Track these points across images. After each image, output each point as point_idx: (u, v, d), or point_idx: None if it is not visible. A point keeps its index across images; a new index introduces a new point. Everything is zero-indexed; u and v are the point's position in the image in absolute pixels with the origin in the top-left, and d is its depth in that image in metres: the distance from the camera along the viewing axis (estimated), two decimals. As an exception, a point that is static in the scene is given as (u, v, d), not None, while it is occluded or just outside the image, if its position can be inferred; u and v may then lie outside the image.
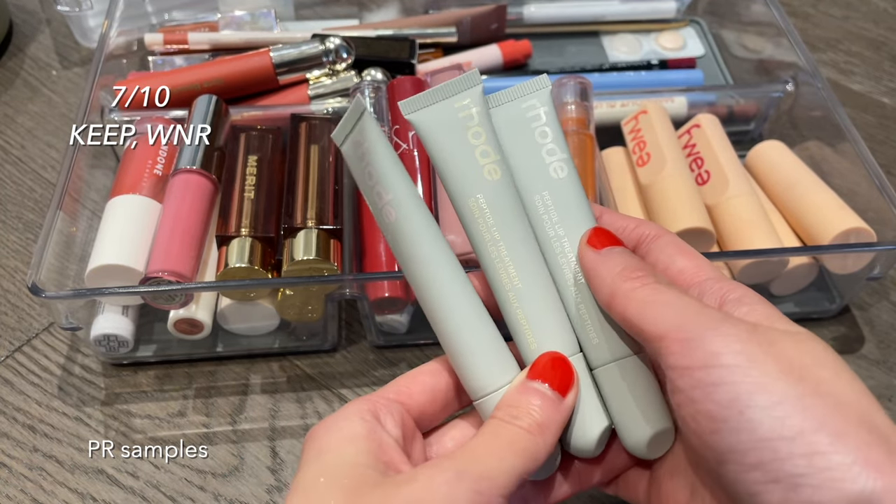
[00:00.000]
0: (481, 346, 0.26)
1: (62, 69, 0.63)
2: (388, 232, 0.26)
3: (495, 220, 0.26)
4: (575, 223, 0.27)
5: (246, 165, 0.45)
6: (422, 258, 0.26)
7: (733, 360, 0.21)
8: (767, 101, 0.55)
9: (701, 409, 0.21)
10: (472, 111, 0.26)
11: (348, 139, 0.26)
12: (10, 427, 0.42)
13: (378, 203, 0.26)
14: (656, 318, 0.23)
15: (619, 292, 0.24)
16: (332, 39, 0.52)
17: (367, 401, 0.25)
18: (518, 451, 0.24)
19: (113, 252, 0.41)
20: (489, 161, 0.26)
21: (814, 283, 0.47)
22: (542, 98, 0.28)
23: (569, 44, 0.64)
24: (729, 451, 0.20)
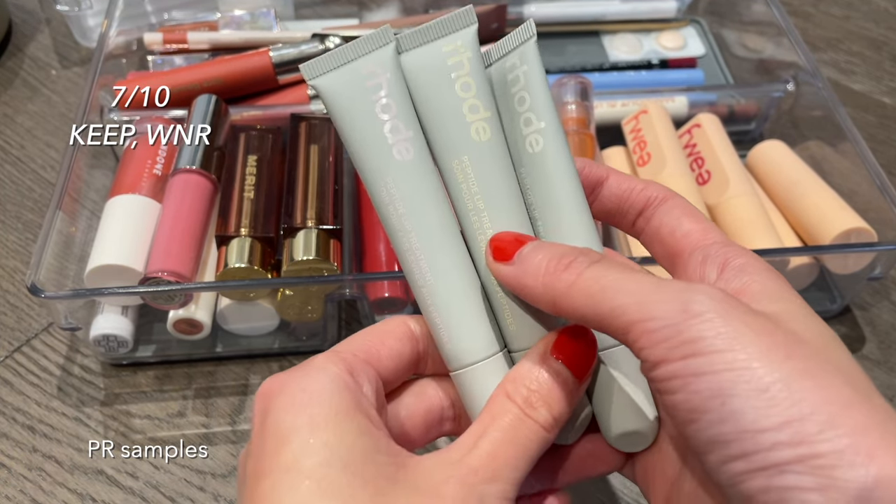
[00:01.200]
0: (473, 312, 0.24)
1: (62, 69, 0.63)
2: (397, 171, 0.23)
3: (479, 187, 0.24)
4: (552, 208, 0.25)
5: (246, 165, 0.45)
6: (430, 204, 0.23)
7: (712, 347, 0.19)
8: (768, 100, 0.55)
9: (681, 399, 0.19)
10: (463, 58, 0.24)
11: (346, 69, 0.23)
12: (10, 427, 0.42)
13: (389, 139, 0.23)
14: (613, 308, 0.20)
15: (558, 293, 0.21)
16: (332, 39, 0.52)
17: (339, 360, 0.23)
18: (532, 456, 0.23)
19: (112, 252, 0.41)
20: (478, 118, 0.23)
21: (814, 283, 0.47)
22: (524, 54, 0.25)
23: (569, 43, 0.64)
24: (711, 441, 0.19)
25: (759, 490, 0.18)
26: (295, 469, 0.20)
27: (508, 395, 0.23)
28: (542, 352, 0.23)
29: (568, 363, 0.23)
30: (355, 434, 0.21)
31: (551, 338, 0.24)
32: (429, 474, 0.21)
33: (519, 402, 0.23)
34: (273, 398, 0.21)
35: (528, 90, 0.24)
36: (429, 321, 0.24)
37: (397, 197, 0.23)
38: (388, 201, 0.23)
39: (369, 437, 0.21)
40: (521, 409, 0.23)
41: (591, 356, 0.24)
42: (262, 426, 0.21)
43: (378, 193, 0.24)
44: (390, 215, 0.24)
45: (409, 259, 0.24)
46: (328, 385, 0.21)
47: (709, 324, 0.19)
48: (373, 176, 0.23)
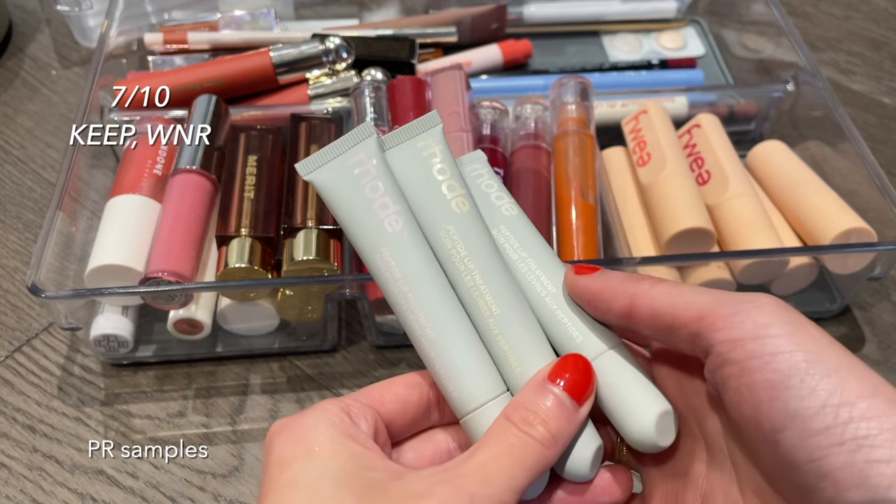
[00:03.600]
0: (473, 357, 0.26)
1: (62, 69, 0.63)
2: (389, 241, 0.26)
3: (468, 251, 0.27)
4: (534, 247, 0.28)
5: (246, 165, 0.45)
6: (423, 266, 0.26)
7: (784, 330, 0.21)
8: (768, 100, 0.55)
9: (758, 378, 0.21)
10: (436, 150, 0.28)
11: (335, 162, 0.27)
12: (10, 427, 0.42)
13: (380, 214, 0.26)
14: (690, 302, 0.23)
15: (638, 293, 0.24)
16: (332, 39, 0.52)
17: (339, 401, 0.25)
18: (528, 467, 0.23)
19: (113, 252, 0.41)
20: (456, 195, 0.27)
21: (814, 283, 0.47)
22: (480, 159, 0.30)
23: (569, 43, 0.64)
24: (791, 417, 0.20)
25: (842, 465, 0.20)
26: (293, 486, 0.22)
27: (507, 418, 0.24)
28: (539, 380, 0.25)
29: (566, 388, 0.25)
30: (347, 456, 0.23)
31: (548, 367, 0.25)
32: (421, 480, 0.23)
33: (516, 421, 0.24)
34: (276, 435, 0.24)
35: (491, 180, 0.30)
36: (433, 373, 0.26)
37: (392, 264, 0.26)
38: (385, 269, 0.26)
39: (362, 458, 0.23)
40: (518, 426, 0.24)
41: (589, 380, 0.25)
42: (268, 459, 0.24)
43: (374, 264, 0.26)
44: (387, 281, 0.26)
45: (410, 318, 0.26)
46: (325, 420, 0.24)
47: (778, 313, 0.22)
48: (368, 249, 0.26)
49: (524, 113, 0.49)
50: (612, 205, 0.47)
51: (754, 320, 0.22)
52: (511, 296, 0.26)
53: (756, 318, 0.22)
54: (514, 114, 0.49)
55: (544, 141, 0.48)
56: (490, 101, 0.49)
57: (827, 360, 0.21)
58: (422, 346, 0.26)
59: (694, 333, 0.23)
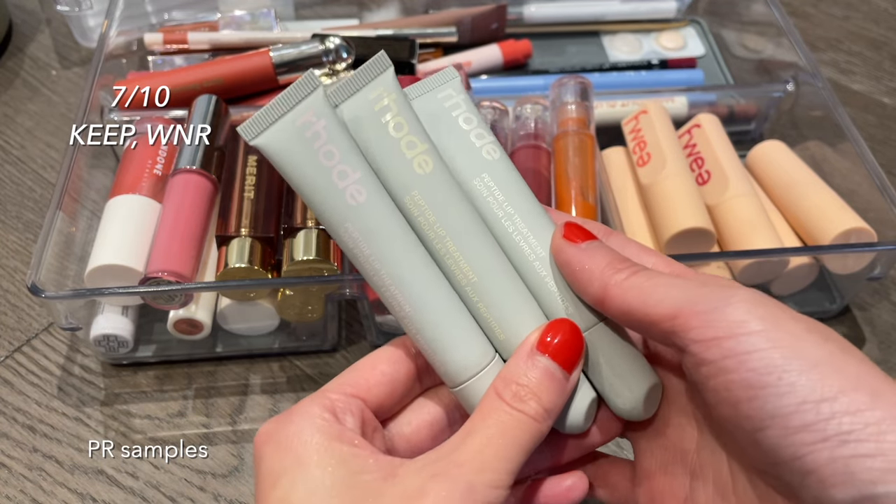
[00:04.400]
0: (458, 328, 0.25)
1: (62, 69, 0.63)
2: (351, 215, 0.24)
3: (437, 216, 0.24)
4: (521, 201, 0.26)
5: (246, 165, 0.45)
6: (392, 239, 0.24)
7: (761, 325, 0.21)
8: (768, 100, 0.55)
9: (735, 377, 0.21)
10: (389, 101, 0.24)
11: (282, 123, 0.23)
12: (10, 427, 0.42)
13: (339, 185, 0.23)
14: (662, 299, 0.22)
15: (611, 284, 0.23)
16: (332, 39, 0.52)
17: (322, 398, 0.24)
18: (523, 445, 0.23)
19: (113, 252, 0.41)
20: (417, 153, 0.24)
21: (814, 283, 0.47)
22: (456, 87, 0.27)
23: (569, 44, 0.64)
24: (770, 416, 0.20)
25: (825, 461, 0.19)
26: (286, 501, 0.22)
27: (498, 394, 0.24)
28: (528, 349, 0.24)
29: (555, 357, 0.24)
30: (336, 463, 0.23)
31: (536, 334, 0.24)
32: (415, 475, 0.22)
33: (508, 398, 0.23)
34: (264, 445, 0.24)
35: (471, 113, 0.26)
36: (419, 348, 0.25)
37: (360, 240, 0.24)
38: (352, 245, 0.24)
39: (352, 461, 0.23)
40: (510, 404, 0.23)
41: (578, 348, 0.24)
42: (259, 471, 0.24)
43: (341, 239, 0.24)
44: (357, 257, 0.24)
45: (386, 294, 0.24)
46: (309, 427, 0.23)
47: (754, 308, 0.21)
48: (332, 223, 0.24)
49: (524, 113, 0.49)
50: (612, 205, 0.47)
51: (729, 318, 0.21)
52: (489, 260, 0.25)
53: (731, 316, 0.21)
54: (514, 114, 0.49)
55: (544, 141, 0.48)
56: (490, 101, 0.49)
57: (805, 355, 0.20)
58: (403, 322, 0.25)
59: (668, 331, 0.22)
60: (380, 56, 0.25)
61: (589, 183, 0.45)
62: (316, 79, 0.24)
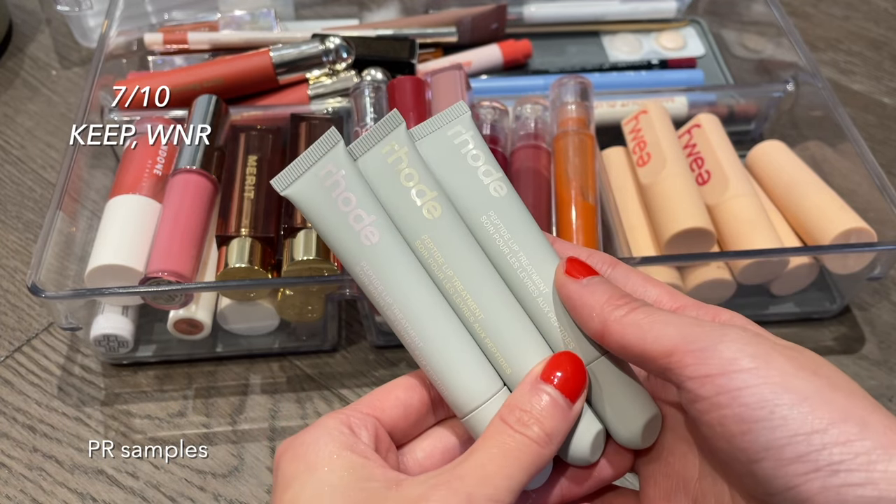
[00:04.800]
0: (466, 359, 0.26)
1: (62, 69, 0.63)
2: (366, 255, 0.26)
3: (445, 257, 0.26)
4: (526, 237, 0.27)
5: (246, 165, 0.45)
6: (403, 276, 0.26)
7: (751, 364, 0.22)
8: (768, 100, 0.55)
9: (728, 413, 0.22)
10: (400, 154, 0.27)
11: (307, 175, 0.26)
12: (10, 427, 0.42)
13: (355, 227, 0.26)
14: (658, 337, 0.23)
15: (610, 320, 0.24)
16: (332, 39, 0.52)
17: (339, 414, 0.26)
18: (525, 467, 0.24)
19: (113, 252, 0.41)
20: (426, 200, 0.27)
21: (814, 283, 0.47)
22: (466, 123, 0.28)
23: (569, 44, 0.64)
24: (764, 448, 0.21)
25: (818, 491, 0.20)
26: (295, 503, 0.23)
27: (502, 419, 0.25)
28: (533, 379, 0.25)
29: (559, 387, 0.25)
30: (345, 468, 0.24)
31: (541, 366, 0.26)
32: (418, 485, 0.23)
33: (511, 422, 0.24)
34: (282, 455, 0.25)
35: (479, 150, 0.28)
36: (429, 378, 0.26)
37: (373, 276, 0.26)
38: (367, 281, 0.26)
39: (361, 469, 0.24)
40: (513, 427, 0.24)
41: (581, 379, 0.25)
42: (275, 479, 0.25)
43: (357, 276, 0.26)
44: (371, 293, 0.26)
45: (398, 328, 0.26)
46: (323, 436, 0.25)
47: (745, 347, 0.22)
48: (349, 262, 0.26)
49: (524, 113, 0.49)
50: (612, 205, 0.47)
51: (721, 356, 0.22)
52: (495, 297, 0.26)
53: (723, 354, 0.22)
54: (514, 114, 0.49)
55: (544, 141, 0.48)
56: (490, 101, 0.49)
57: (795, 389, 0.21)
58: (414, 354, 0.26)
59: (664, 368, 0.23)
60: (394, 114, 0.27)
61: (589, 183, 0.45)
62: (337, 134, 0.27)
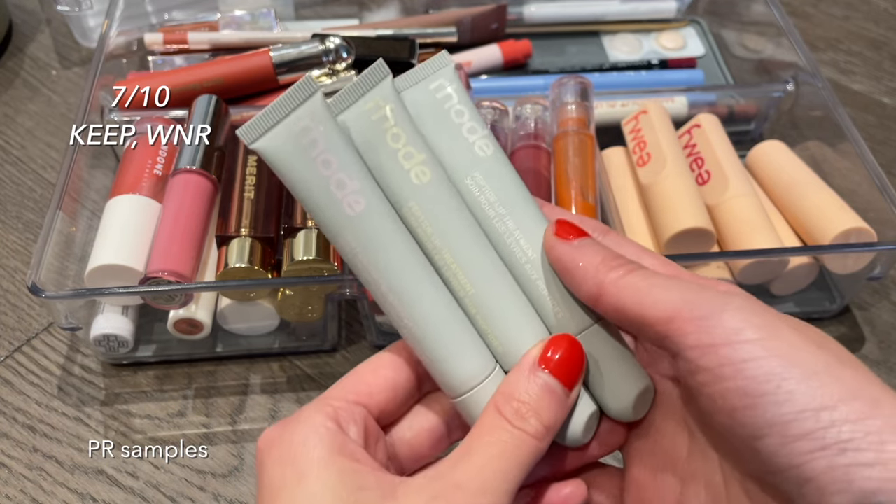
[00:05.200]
0: (457, 339, 0.24)
1: (62, 69, 0.63)
2: (349, 225, 0.23)
3: (434, 228, 0.24)
4: (513, 200, 0.25)
5: (246, 165, 0.45)
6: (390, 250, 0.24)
7: (758, 334, 0.20)
8: (768, 101, 0.55)
9: (731, 385, 0.20)
10: (386, 110, 0.24)
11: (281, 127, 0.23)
12: (10, 427, 0.42)
13: (337, 195, 0.23)
14: (658, 301, 0.22)
15: (606, 282, 0.23)
16: (332, 39, 0.52)
17: (325, 405, 0.24)
18: (522, 465, 0.23)
19: (113, 252, 0.41)
20: (415, 163, 0.24)
21: (814, 283, 0.47)
22: (449, 76, 0.26)
23: (569, 44, 0.64)
24: (768, 424, 0.20)
25: (824, 470, 0.19)
26: None
27: (499, 410, 0.24)
28: (530, 364, 0.24)
29: (555, 373, 0.24)
30: (337, 478, 0.22)
31: (538, 349, 0.24)
32: (415, 496, 0.22)
33: (508, 415, 0.23)
34: (266, 453, 0.23)
35: (463, 105, 0.26)
36: (418, 357, 0.25)
37: (357, 250, 0.24)
38: (351, 254, 0.24)
39: (353, 477, 0.22)
40: (511, 422, 0.23)
41: (580, 364, 0.24)
42: (260, 480, 0.23)
43: (340, 248, 0.24)
44: (356, 266, 0.24)
45: (385, 305, 0.24)
46: (311, 437, 0.23)
47: (750, 317, 0.21)
48: (331, 233, 0.24)
49: (524, 113, 0.49)
50: (612, 205, 0.47)
51: (725, 325, 0.21)
52: (486, 270, 0.25)
53: (727, 323, 0.21)
54: (514, 114, 0.49)
55: (544, 141, 0.48)
56: (490, 101, 0.49)
57: (803, 363, 0.20)
58: (402, 332, 0.25)
59: (662, 335, 0.22)
60: (378, 64, 0.24)
61: (589, 183, 0.45)
62: (314, 83, 0.23)
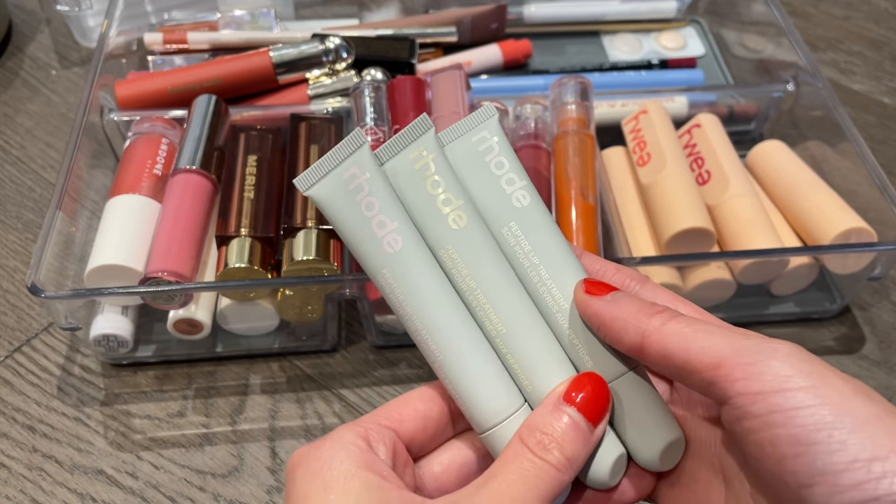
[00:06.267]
0: (486, 374, 0.25)
1: (62, 69, 0.63)
2: (388, 263, 0.25)
3: (469, 269, 0.26)
4: (548, 250, 0.26)
5: (246, 165, 0.45)
6: (425, 286, 0.25)
7: (808, 382, 0.20)
8: (768, 100, 0.55)
9: (782, 433, 0.20)
10: (428, 160, 0.26)
11: (331, 177, 0.26)
12: (10, 427, 0.42)
13: (378, 234, 0.25)
14: (704, 346, 0.22)
15: (650, 330, 0.23)
16: (332, 39, 0.52)
17: (357, 426, 0.25)
18: (543, 494, 0.23)
19: (112, 252, 0.41)
20: (452, 209, 0.26)
21: (814, 283, 0.47)
22: (492, 128, 0.27)
23: (569, 43, 0.64)
24: (819, 473, 0.20)
25: None
26: None
27: (522, 441, 0.24)
28: (555, 399, 0.24)
29: (581, 409, 0.24)
30: (361, 489, 0.22)
31: (564, 386, 0.25)
32: None
33: (531, 445, 0.24)
34: (295, 469, 0.24)
35: (503, 156, 0.27)
36: (450, 393, 0.26)
37: (395, 286, 0.25)
38: (388, 289, 0.25)
39: (377, 492, 0.23)
40: (533, 451, 0.23)
41: (605, 401, 0.25)
42: (288, 493, 0.24)
43: (379, 283, 0.26)
44: (392, 301, 0.26)
45: (418, 339, 0.26)
46: (340, 452, 0.24)
47: (800, 364, 0.21)
48: (371, 269, 0.26)
49: (524, 113, 0.49)
50: (612, 205, 0.47)
51: (775, 372, 0.21)
52: (518, 312, 0.26)
53: (777, 370, 0.21)
54: (514, 114, 0.49)
55: (544, 141, 0.48)
56: (490, 100, 0.49)
57: (855, 413, 0.20)
58: (433, 366, 0.26)
59: (709, 381, 0.22)
60: (422, 118, 0.26)
61: (589, 183, 0.45)
62: (362, 136, 0.26)
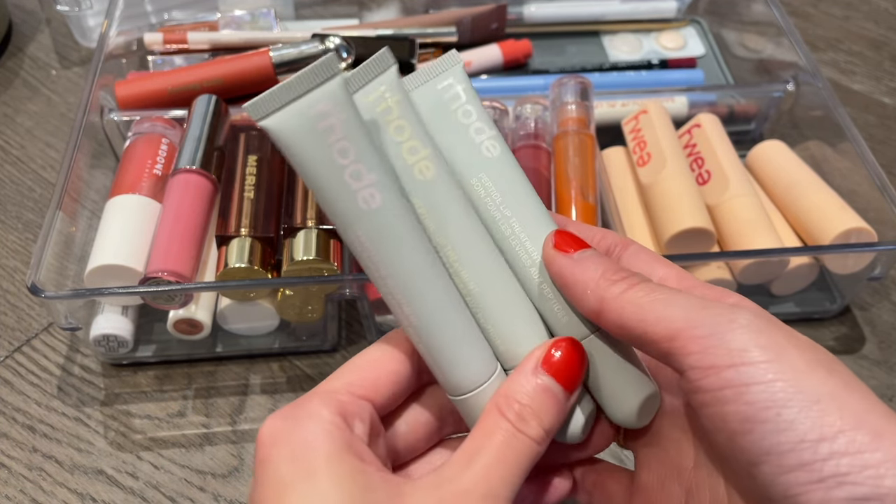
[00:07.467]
0: (465, 343, 0.24)
1: (62, 69, 0.63)
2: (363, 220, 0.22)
3: (436, 225, 0.24)
4: (519, 202, 0.25)
5: (246, 165, 0.45)
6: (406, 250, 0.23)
7: (762, 356, 0.20)
8: (768, 100, 0.55)
9: (732, 409, 0.20)
10: (391, 103, 0.23)
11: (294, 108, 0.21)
12: (10, 427, 0.42)
13: (352, 186, 0.22)
14: (660, 318, 0.21)
15: (607, 297, 0.23)
16: (332, 39, 0.52)
17: (332, 399, 0.23)
18: (524, 468, 0.23)
19: (112, 252, 0.41)
20: (419, 158, 0.23)
21: (814, 283, 0.47)
22: (458, 75, 0.25)
23: (569, 43, 0.64)
24: (765, 452, 0.19)
25: (818, 502, 0.19)
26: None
27: (500, 411, 0.23)
28: (532, 366, 0.24)
29: (557, 377, 0.24)
30: (347, 477, 0.22)
31: (541, 351, 0.24)
32: (421, 500, 0.22)
33: (511, 417, 0.23)
34: (271, 448, 0.23)
35: (470, 105, 0.25)
36: (422, 356, 0.24)
37: (369, 246, 0.22)
38: (361, 249, 0.23)
39: (361, 477, 0.22)
40: (513, 424, 0.23)
41: (581, 368, 0.24)
42: (263, 476, 0.22)
43: (350, 242, 0.23)
44: (362, 260, 0.23)
45: (391, 302, 0.24)
46: (320, 434, 0.22)
47: (756, 336, 0.20)
48: (342, 225, 0.23)
49: (524, 113, 0.49)
50: (612, 205, 0.47)
51: (729, 346, 0.20)
52: (489, 269, 0.24)
53: (731, 344, 0.20)
54: (514, 114, 0.49)
55: (544, 141, 0.48)
56: (490, 100, 0.49)
57: (807, 389, 0.19)
58: (407, 330, 0.24)
59: (665, 352, 0.22)
60: (382, 53, 0.23)
61: (589, 183, 0.45)
62: (336, 64, 0.22)
